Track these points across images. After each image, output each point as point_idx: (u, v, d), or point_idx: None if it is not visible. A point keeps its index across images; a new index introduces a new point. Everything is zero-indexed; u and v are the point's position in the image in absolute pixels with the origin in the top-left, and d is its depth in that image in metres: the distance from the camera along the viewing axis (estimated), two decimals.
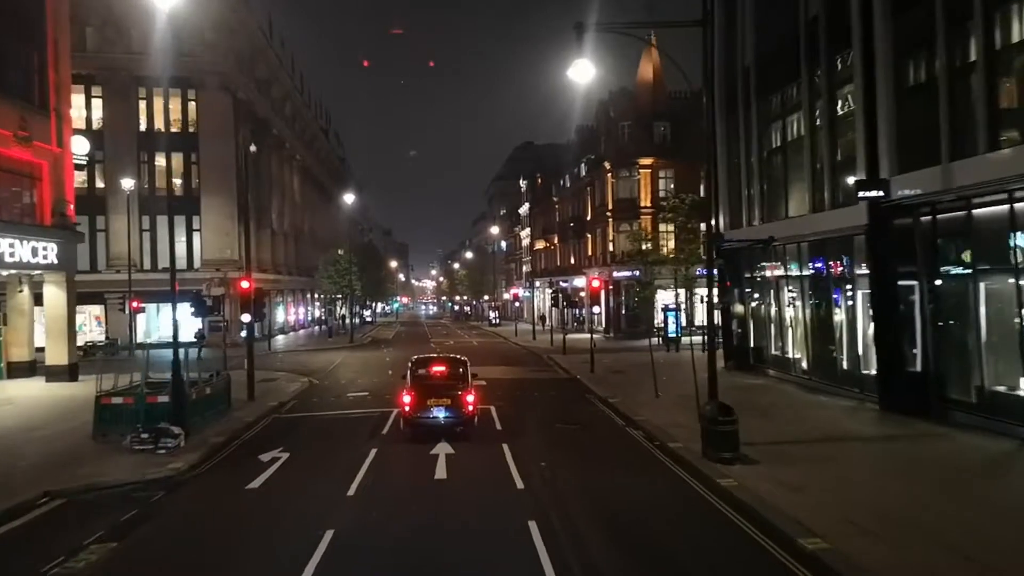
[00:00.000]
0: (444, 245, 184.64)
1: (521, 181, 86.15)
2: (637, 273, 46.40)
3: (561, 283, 59.80)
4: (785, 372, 24.11)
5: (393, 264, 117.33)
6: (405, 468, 13.41)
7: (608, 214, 48.42)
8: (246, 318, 21.88)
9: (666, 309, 42.58)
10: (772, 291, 25.41)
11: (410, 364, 17.05)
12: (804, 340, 23.09)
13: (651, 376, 21.64)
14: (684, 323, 42.02)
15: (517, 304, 59.69)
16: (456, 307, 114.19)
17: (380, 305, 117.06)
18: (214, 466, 13.88)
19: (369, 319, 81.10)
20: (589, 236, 54.44)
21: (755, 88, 25.33)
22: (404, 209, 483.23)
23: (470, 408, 15.68)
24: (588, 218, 54.83)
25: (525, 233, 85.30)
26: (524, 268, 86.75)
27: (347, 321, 50.36)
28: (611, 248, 48.31)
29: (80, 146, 31.56)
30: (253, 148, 38.70)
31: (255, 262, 53.78)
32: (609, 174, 48.04)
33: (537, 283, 74.38)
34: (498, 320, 72.13)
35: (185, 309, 21.80)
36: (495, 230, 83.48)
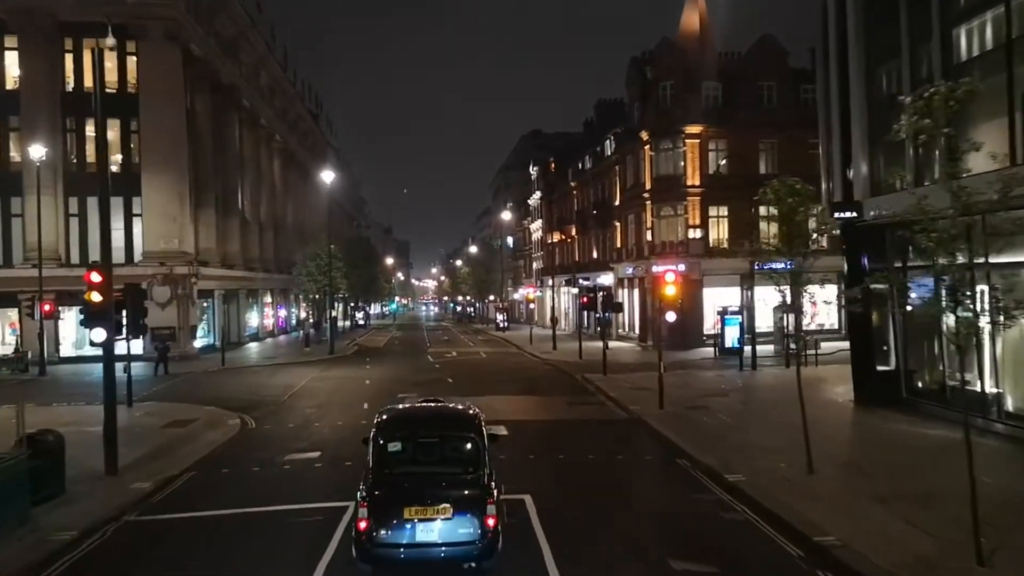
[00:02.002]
0: (447, 245, 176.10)
1: (531, 168, 77.28)
2: (683, 267, 37.53)
3: (582, 280, 50.87)
4: (972, 415, 15.21)
5: (390, 261, 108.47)
6: None
7: (645, 196, 39.55)
8: (98, 336, 12.99)
9: (724, 313, 33.73)
10: (952, 287, 16.46)
11: (375, 425, 8.98)
12: (1012, 366, 14.32)
13: (757, 416, 13.90)
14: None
15: (532, 305, 50.97)
16: (459, 308, 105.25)
17: (377, 306, 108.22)
18: None
19: (361, 322, 72.18)
20: (617, 224, 45.58)
21: None
22: (405, 207, 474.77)
23: (489, 521, 7.98)
24: (616, 203, 46.00)
25: (536, 226, 76.44)
26: (535, 265, 77.89)
27: (331, 326, 41.44)
28: (649, 237, 39.44)
29: None
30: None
31: (220, 255, 45.07)
32: (647, 147, 39.17)
33: (551, 281, 65.48)
34: (506, 323, 63.32)
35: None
36: (506, 216, 73.81)
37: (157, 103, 35.85)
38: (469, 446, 8.65)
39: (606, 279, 46.98)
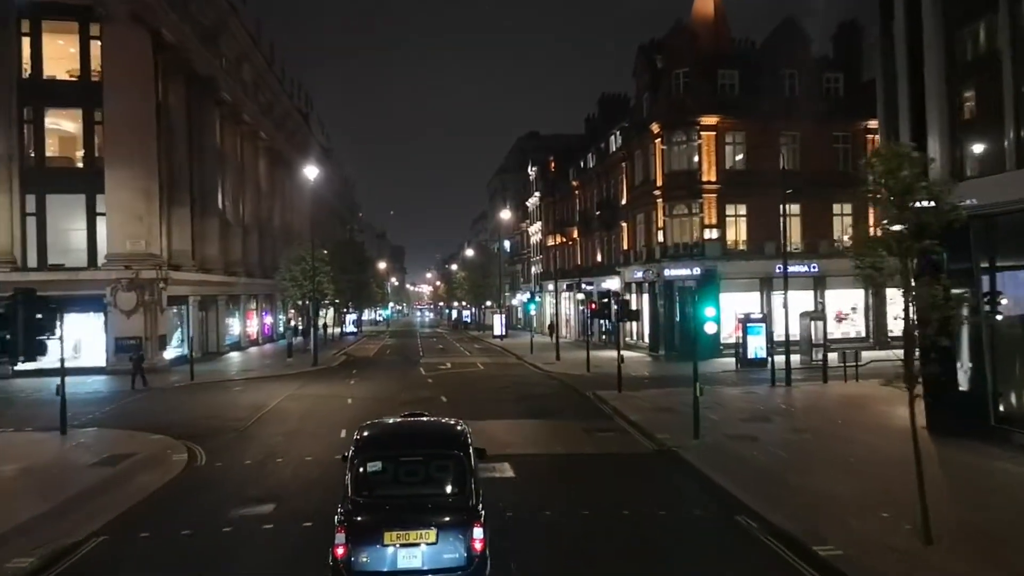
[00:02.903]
0: (443, 250, 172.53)
1: (530, 168, 74.19)
2: (697, 271, 34.49)
3: (586, 285, 47.77)
4: None
5: (382, 265, 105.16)
6: None
7: (656, 193, 36.47)
8: None
9: (746, 321, 30.67)
10: None
11: (354, 443, 8.29)
12: None
13: (818, 450, 12.71)
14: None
15: (532, 312, 47.79)
16: (454, 314, 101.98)
17: (372, 312, 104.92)
18: None
19: (353, 330, 68.91)
20: (624, 225, 42.50)
21: None
22: (400, 213, 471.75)
23: (476, 545, 7.36)
24: (623, 203, 42.93)
25: (535, 228, 73.32)
26: (533, 269, 74.81)
27: (314, 335, 38.14)
28: (660, 238, 36.34)
29: None
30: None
31: (198, 259, 41.85)
32: (658, 140, 36.11)
33: (550, 286, 62.38)
34: (504, 330, 60.10)
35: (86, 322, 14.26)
36: (505, 215, 69.97)
37: (123, 92, 32.65)
38: (454, 465, 7.97)
39: (612, 283, 43.86)
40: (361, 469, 7.83)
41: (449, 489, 7.85)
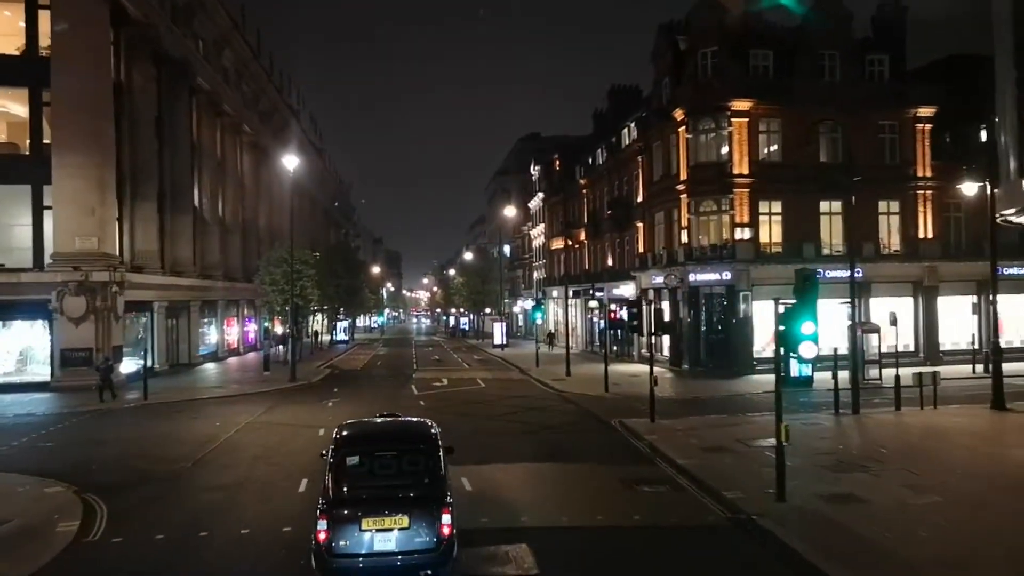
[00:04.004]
0: (441, 256, 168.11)
1: (532, 168, 70.23)
2: (727, 275, 30.40)
3: (595, 291, 43.68)
4: None
5: (376, 270, 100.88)
6: None
7: (680, 188, 32.40)
8: None
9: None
10: None
11: (334, 441, 8.95)
12: None
13: (965, 521, 9.62)
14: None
15: (539, 321, 43.62)
16: (452, 321, 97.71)
17: (366, 319, 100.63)
18: None
19: (344, 338, 64.68)
20: (640, 225, 38.41)
21: None
22: (398, 218, 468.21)
23: (445, 530, 8.14)
24: (638, 201, 38.86)
25: (537, 231, 69.30)
26: (535, 275, 70.76)
27: (294, 344, 33.82)
28: (684, 238, 32.25)
29: None
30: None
31: (168, 260, 37.68)
32: (682, 128, 32.05)
33: (554, 292, 58.33)
34: (505, 340, 55.89)
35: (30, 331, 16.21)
36: (509, 212, 64.72)
37: (74, 67, 28.52)
38: (425, 459, 8.83)
39: (626, 290, 39.76)
40: (341, 463, 8.59)
41: (420, 480, 8.58)
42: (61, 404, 24.42)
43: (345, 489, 8.39)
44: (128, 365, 30.65)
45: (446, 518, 8.15)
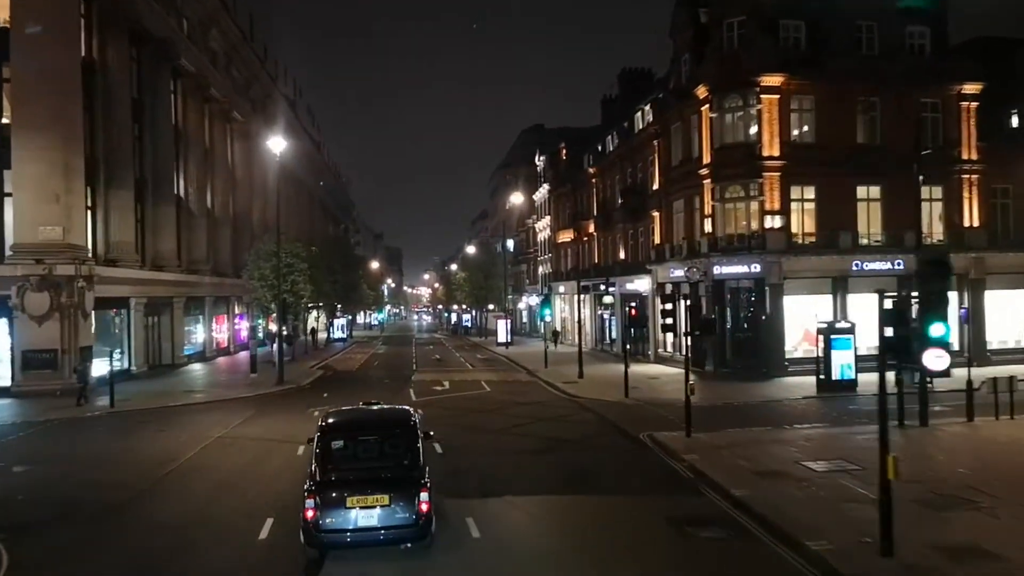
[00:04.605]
0: (442, 252, 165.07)
1: (537, 158, 67.44)
2: (756, 268, 27.67)
3: (608, 286, 40.95)
4: None
5: (375, 265, 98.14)
6: None
7: (703, 172, 29.66)
8: None
9: (830, 331, 23.88)
10: None
11: (320, 428, 9.81)
12: None
13: None
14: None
15: (548, 318, 40.75)
16: (454, 317, 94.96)
17: (366, 315, 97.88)
18: None
19: (342, 336, 61.90)
20: (656, 215, 35.67)
21: None
22: (398, 215, 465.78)
23: (423, 507, 9.05)
24: (654, 188, 36.12)
25: (543, 224, 66.54)
26: (540, 269, 68.03)
27: (282, 344, 31.13)
28: (708, 227, 29.52)
29: None
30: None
31: (149, 253, 35.07)
32: (705, 107, 29.31)
33: (562, 288, 55.62)
34: (510, 338, 53.17)
35: None
36: (516, 199, 61.30)
37: (38, 42, 25.87)
38: (404, 443, 9.62)
39: (640, 284, 37.04)
40: (327, 447, 9.49)
41: (400, 463, 9.46)
42: (17, 413, 21.81)
43: (331, 471, 9.16)
44: (101, 367, 28.02)
45: (424, 496, 8.98)
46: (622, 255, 41.61)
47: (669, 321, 18.25)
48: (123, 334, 31.33)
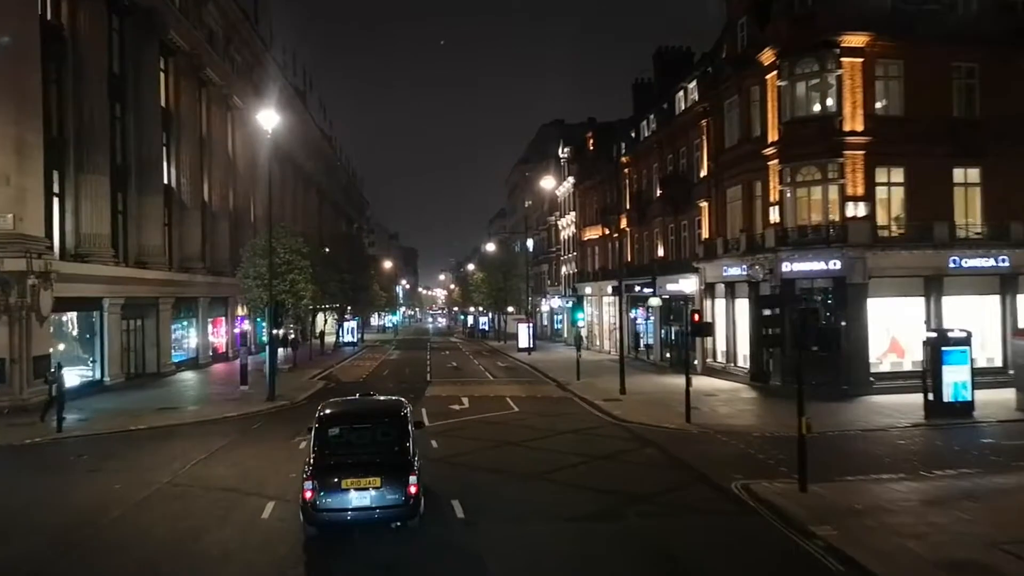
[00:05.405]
0: (458, 254, 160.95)
1: (561, 151, 63.14)
2: (836, 264, 23.17)
3: (644, 287, 36.58)
4: None
5: (388, 265, 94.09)
6: None
7: (768, 152, 25.19)
8: None
9: (939, 342, 19.37)
10: None
11: (318, 419, 10.60)
12: None
13: None
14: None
15: (580, 323, 35.92)
16: (470, 320, 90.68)
17: (380, 317, 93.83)
18: None
19: (352, 340, 57.72)
20: (705, 205, 31.22)
21: None
22: (414, 215, 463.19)
23: (412, 489, 9.81)
24: (701, 175, 31.68)
25: (566, 221, 62.23)
26: (563, 269, 63.70)
27: (273, 355, 26.90)
28: (775, 216, 25.02)
29: None
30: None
31: (133, 248, 31.16)
32: (771, 75, 24.85)
33: (588, 289, 51.21)
34: (532, 343, 48.81)
35: None
36: (547, 184, 55.50)
37: None
38: (395, 431, 10.46)
39: (685, 284, 32.57)
40: (324, 434, 10.26)
41: (391, 449, 10.23)
42: None
43: (328, 456, 9.99)
44: (72, 378, 24.04)
45: (412, 479, 9.77)
46: (661, 252, 37.15)
47: (773, 332, 13.78)
48: (95, 340, 27.35)
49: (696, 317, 19.09)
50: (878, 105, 24.05)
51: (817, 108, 24.00)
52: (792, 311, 14.06)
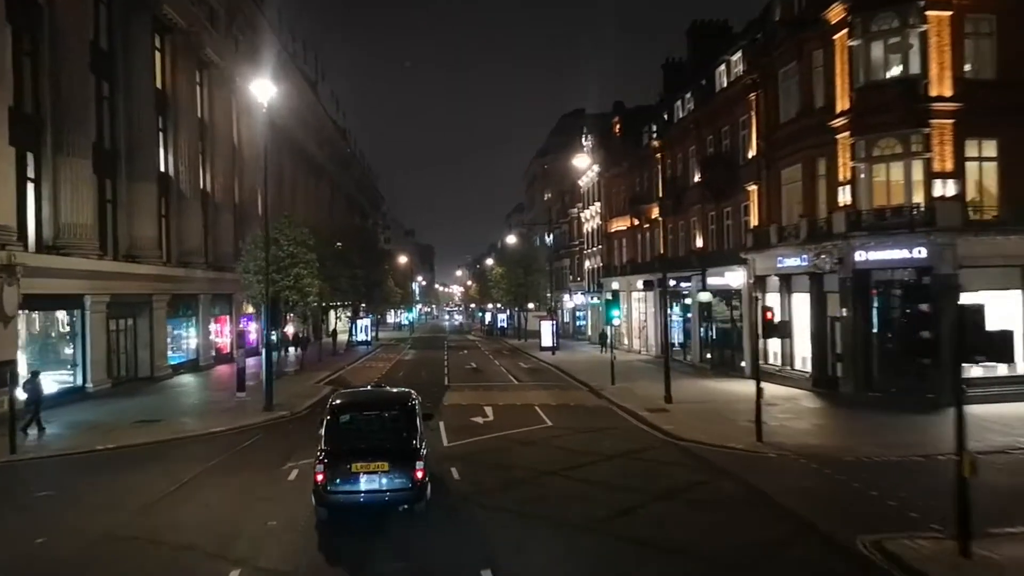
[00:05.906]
0: (475, 251, 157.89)
1: (584, 138, 59.87)
2: (922, 252, 19.79)
3: (678, 282, 33.34)
4: None
5: (403, 260, 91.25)
6: None
7: (837, 124, 21.82)
8: None
9: None
10: None
11: (329, 409, 11.29)
12: None
13: None
14: None
15: (617, 321, 32.46)
16: (488, 317, 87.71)
17: (396, 314, 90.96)
18: None
19: (365, 339, 54.83)
20: (753, 189, 27.89)
21: None
22: (431, 211, 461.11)
23: (418, 474, 10.47)
24: (749, 156, 28.35)
25: (590, 213, 58.93)
26: (587, 264, 60.42)
27: (271, 360, 23.97)
28: (846, 198, 21.66)
29: None
30: None
31: (123, 240, 28.40)
32: (841, 34, 21.48)
33: (615, 284, 47.95)
34: (556, 342, 45.66)
35: None
36: (580, 163, 52.27)
37: None
38: (404, 419, 11.13)
39: (731, 277, 29.27)
40: (336, 422, 10.91)
41: (399, 436, 10.85)
42: None
43: (339, 441, 10.60)
44: (49, 384, 21.31)
45: (419, 464, 10.41)
46: (700, 243, 33.82)
47: (922, 340, 10.52)
48: (77, 341, 24.60)
49: (768, 315, 15.89)
50: (966, 68, 20.63)
51: (897, 71, 20.65)
52: (942, 309, 10.75)
